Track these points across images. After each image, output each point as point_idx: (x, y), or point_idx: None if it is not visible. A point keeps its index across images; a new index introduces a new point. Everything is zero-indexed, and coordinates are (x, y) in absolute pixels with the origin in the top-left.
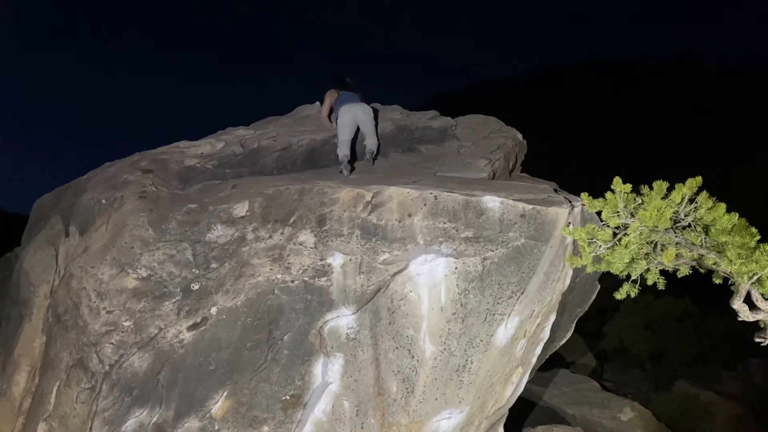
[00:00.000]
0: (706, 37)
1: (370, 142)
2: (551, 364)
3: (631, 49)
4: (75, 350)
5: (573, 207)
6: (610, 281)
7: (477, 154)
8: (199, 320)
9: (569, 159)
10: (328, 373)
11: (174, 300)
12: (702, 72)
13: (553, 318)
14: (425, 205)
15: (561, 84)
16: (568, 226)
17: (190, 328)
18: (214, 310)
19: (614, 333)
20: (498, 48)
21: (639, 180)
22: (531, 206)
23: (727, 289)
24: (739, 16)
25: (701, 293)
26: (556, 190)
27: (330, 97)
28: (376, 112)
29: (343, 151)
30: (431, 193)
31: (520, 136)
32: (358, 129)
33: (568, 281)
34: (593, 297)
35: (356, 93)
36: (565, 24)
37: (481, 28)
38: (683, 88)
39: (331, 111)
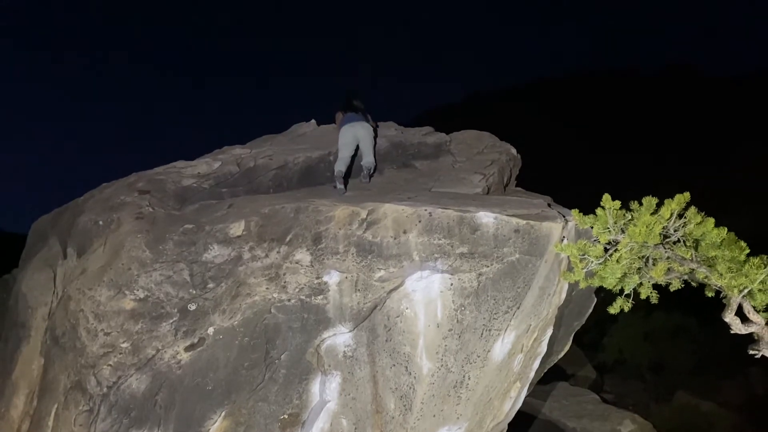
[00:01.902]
0: (702, 45)
1: (367, 161)
2: (551, 376)
3: (627, 59)
4: (73, 372)
5: (567, 221)
6: (607, 293)
7: (471, 170)
8: (196, 341)
9: (566, 171)
10: (325, 392)
11: (171, 321)
12: (698, 81)
13: (550, 332)
14: (420, 221)
15: (557, 96)
16: (562, 240)
17: (187, 349)
18: (211, 330)
19: (613, 344)
20: (492, 60)
21: (635, 193)
22: (525, 221)
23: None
24: (735, 25)
25: (700, 303)
26: (549, 205)
27: (337, 119)
28: (375, 131)
29: (339, 167)
30: (426, 210)
31: (514, 150)
32: (358, 147)
33: (563, 295)
34: (590, 310)
35: (361, 113)
36: (560, 34)
37: (474, 40)
38: (679, 97)
39: None
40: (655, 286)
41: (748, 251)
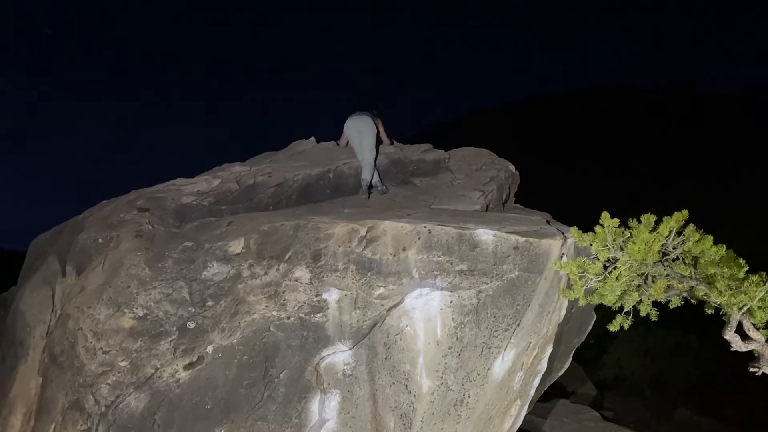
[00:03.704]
0: (701, 61)
1: (365, 171)
2: (551, 394)
3: (625, 75)
4: (71, 391)
5: (566, 238)
6: (607, 309)
7: (470, 186)
8: (195, 359)
9: (565, 188)
10: (325, 410)
11: (170, 339)
12: (696, 97)
13: (549, 349)
14: (419, 238)
15: (555, 112)
16: (561, 257)
17: (186, 367)
18: (210, 348)
19: (613, 361)
20: (489, 75)
21: (634, 210)
22: (524, 238)
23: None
24: (732, 43)
25: (700, 320)
26: (548, 222)
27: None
28: (375, 123)
29: (374, 177)
30: (425, 227)
31: (512, 167)
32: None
33: (563, 312)
34: (590, 327)
35: (364, 111)
36: (556, 51)
37: (472, 57)
38: (676, 114)
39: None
40: (655, 303)
41: (746, 268)
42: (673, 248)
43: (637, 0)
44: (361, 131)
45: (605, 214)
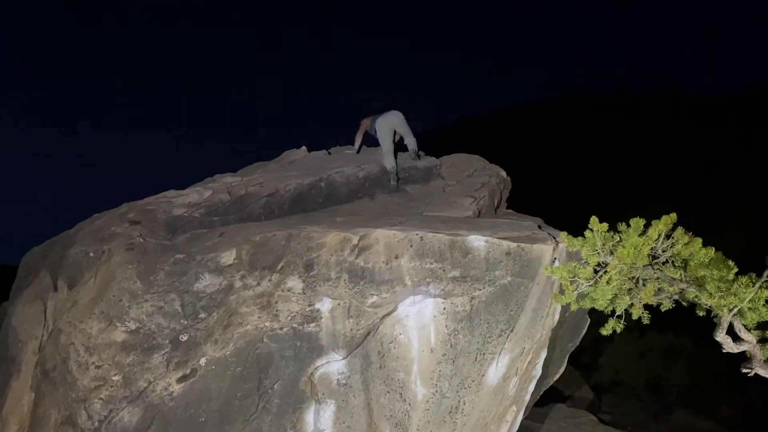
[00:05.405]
0: (690, 65)
1: (410, 141)
2: (547, 398)
3: (618, 79)
4: (64, 407)
5: (557, 243)
6: (601, 313)
7: (462, 193)
8: (188, 372)
9: (556, 192)
10: (320, 420)
11: (163, 352)
12: (687, 101)
13: (544, 354)
14: (411, 246)
15: (545, 117)
16: (553, 262)
17: (179, 380)
18: (203, 360)
19: (609, 365)
20: (481, 81)
21: (624, 214)
22: (516, 244)
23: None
24: (726, 44)
25: (693, 322)
26: (540, 227)
27: (365, 122)
28: (405, 116)
29: (391, 162)
30: (417, 234)
31: (503, 173)
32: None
33: (557, 317)
34: (584, 331)
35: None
36: (548, 55)
37: (463, 61)
38: (667, 118)
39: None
40: (647, 306)
41: (736, 270)
42: (663, 251)
43: (627, 6)
44: (395, 125)
45: (594, 219)
